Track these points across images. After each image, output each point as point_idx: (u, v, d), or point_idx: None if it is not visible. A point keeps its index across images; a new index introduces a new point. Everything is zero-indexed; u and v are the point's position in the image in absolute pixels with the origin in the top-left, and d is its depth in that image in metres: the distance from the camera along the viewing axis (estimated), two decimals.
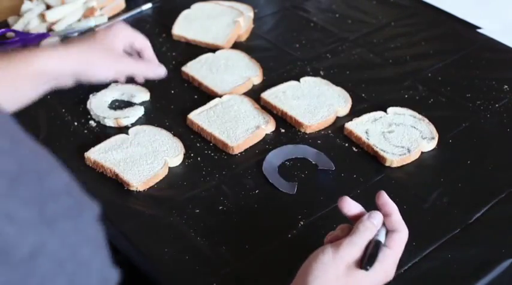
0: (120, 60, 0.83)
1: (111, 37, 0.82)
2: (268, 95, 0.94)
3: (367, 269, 0.57)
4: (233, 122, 0.89)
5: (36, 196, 0.34)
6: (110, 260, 0.39)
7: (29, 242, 0.33)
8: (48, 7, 1.16)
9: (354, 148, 0.86)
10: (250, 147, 0.86)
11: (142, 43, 0.87)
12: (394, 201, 0.77)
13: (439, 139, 0.85)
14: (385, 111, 0.90)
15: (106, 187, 0.82)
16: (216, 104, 0.92)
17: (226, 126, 0.88)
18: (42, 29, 1.11)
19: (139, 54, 0.88)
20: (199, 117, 0.90)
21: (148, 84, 0.99)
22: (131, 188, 0.80)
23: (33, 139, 0.38)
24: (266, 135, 0.88)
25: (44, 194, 0.35)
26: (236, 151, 0.85)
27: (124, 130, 0.89)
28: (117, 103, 0.96)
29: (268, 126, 0.88)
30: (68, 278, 0.35)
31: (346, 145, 0.86)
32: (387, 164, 0.82)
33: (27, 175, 0.34)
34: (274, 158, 0.84)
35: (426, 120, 0.88)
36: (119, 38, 0.83)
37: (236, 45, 1.07)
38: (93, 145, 0.85)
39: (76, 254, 0.36)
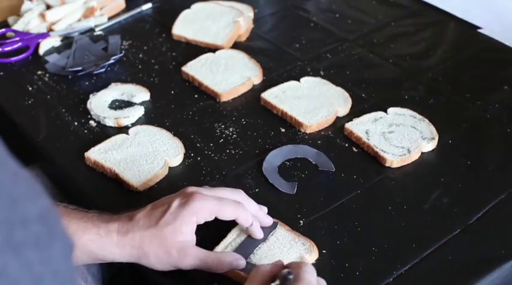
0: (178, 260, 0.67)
1: (178, 223, 0.66)
2: (268, 95, 0.94)
3: None
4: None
5: (5, 220, 0.33)
6: None
7: None
8: (48, 7, 1.16)
9: (354, 149, 0.86)
10: (250, 143, 0.86)
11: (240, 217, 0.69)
12: (394, 201, 0.77)
13: (439, 139, 0.85)
14: (385, 111, 0.90)
15: (106, 187, 0.82)
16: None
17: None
18: (42, 29, 1.11)
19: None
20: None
21: (148, 83, 0.99)
22: (131, 188, 0.80)
23: (18, 164, 0.36)
24: (266, 134, 0.88)
25: (14, 219, 0.34)
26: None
27: (124, 130, 0.89)
28: (117, 103, 0.96)
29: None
30: None
31: (346, 145, 0.86)
32: (387, 164, 0.82)
33: (0, 198, 0.33)
34: (274, 158, 0.84)
35: (426, 120, 0.88)
36: (187, 223, 0.66)
37: (236, 45, 1.07)
38: (93, 145, 0.85)
39: None
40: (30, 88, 0.99)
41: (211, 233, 0.71)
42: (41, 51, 1.07)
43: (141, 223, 0.66)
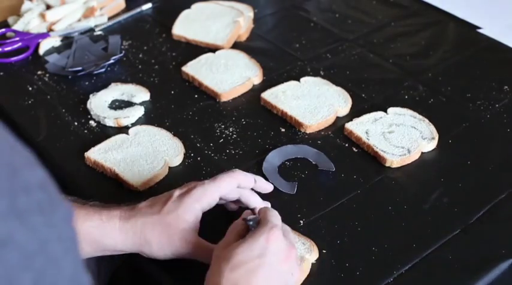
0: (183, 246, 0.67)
1: (181, 211, 0.66)
2: (268, 95, 0.94)
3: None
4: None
5: (7, 188, 0.34)
6: (83, 265, 0.39)
7: None
8: (48, 7, 1.16)
9: (354, 148, 0.86)
10: (250, 143, 0.86)
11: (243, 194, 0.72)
12: (394, 201, 0.77)
13: (439, 139, 0.85)
14: (385, 111, 0.90)
15: (106, 187, 0.82)
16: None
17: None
18: (42, 29, 1.11)
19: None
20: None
21: (148, 83, 0.99)
22: (131, 188, 0.80)
23: (13, 135, 0.38)
24: (266, 134, 0.88)
25: (16, 187, 0.34)
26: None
27: (124, 130, 0.89)
28: (117, 103, 0.96)
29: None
30: (35, 273, 0.34)
31: (346, 145, 0.86)
32: (387, 164, 0.82)
33: (1, 167, 0.34)
34: (274, 158, 0.84)
35: (426, 120, 0.88)
36: (190, 210, 0.67)
37: (236, 45, 1.07)
38: (93, 145, 0.85)
39: (46, 249, 0.35)
40: (30, 88, 0.99)
41: (211, 233, 0.71)
42: (41, 51, 1.07)
43: (144, 210, 0.67)
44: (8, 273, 0.33)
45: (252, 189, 0.74)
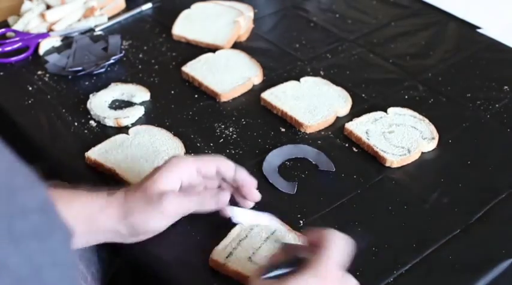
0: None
1: (156, 176, 0.68)
2: (268, 95, 0.94)
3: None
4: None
5: (3, 211, 0.33)
6: None
7: None
8: (48, 7, 1.16)
9: (354, 149, 0.86)
10: (250, 143, 0.86)
11: (225, 170, 0.71)
12: (394, 201, 0.77)
13: (439, 139, 0.85)
14: (385, 111, 0.90)
15: (106, 187, 0.81)
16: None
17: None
18: (42, 29, 1.11)
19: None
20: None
21: (148, 83, 0.99)
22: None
23: (14, 155, 0.37)
24: (266, 134, 0.88)
25: (13, 211, 0.34)
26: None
27: (124, 130, 0.89)
28: (117, 103, 0.96)
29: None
30: None
31: (346, 145, 0.86)
32: (387, 164, 0.82)
33: None
34: (274, 158, 0.84)
35: (426, 120, 0.88)
36: (165, 177, 0.68)
37: (236, 45, 1.07)
38: (93, 145, 0.85)
39: (40, 276, 0.35)
40: (30, 88, 0.99)
41: (211, 233, 0.71)
42: (41, 51, 1.07)
43: (129, 187, 0.71)
44: None
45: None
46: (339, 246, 0.58)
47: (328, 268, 0.56)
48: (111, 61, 1.02)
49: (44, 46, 1.07)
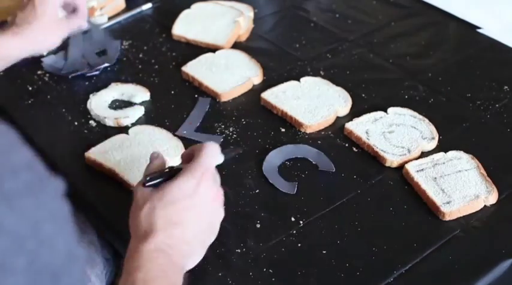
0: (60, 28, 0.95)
1: (41, 9, 0.91)
2: (268, 95, 0.94)
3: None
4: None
5: None
6: (76, 237, 0.39)
7: None
8: None
9: (354, 148, 0.86)
10: (250, 143, 0.86)
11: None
12: (394, 201, 0.77)
13: (439, 139, 0.85)
14: (386, 111, 0.90)
15: (106, 187, 0.82)
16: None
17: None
18: None
19: None
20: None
21: (148, 83, 0.99)
22: (131, 189, 0.80)
23: None
24: (266, 134, 0.88)
25: (2, 171, 0.34)
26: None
27: (124, 130, 0.89)
28: (117, 103, 0.96)
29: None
30: (29, 255, 0.34)
31: (346, 145, 0.86)
32: (387, 164, 0.82)
33: None
34: (274, 158, 0.84)
35: (426, 120, 0.88)
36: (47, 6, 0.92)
37: (236, 45, 1.07)
38: (93, 145, 0.85)
39: (38, 231, 0.35)
40: (30, 88, 0.99)
41: None
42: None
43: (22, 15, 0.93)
44: (2, 258, 0.33)
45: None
46: (208, 152, 0.66)
47: (198, 171, 0.64)
48: (106, 65, 1.02)
49: None
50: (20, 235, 0.34)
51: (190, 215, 0.63)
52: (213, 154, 0.67)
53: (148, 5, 1.19)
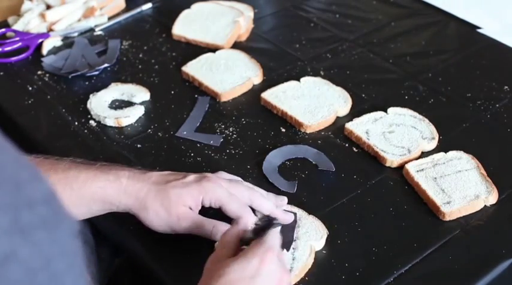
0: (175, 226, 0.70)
1: (185, 192, 0.68)
2: (268, 95, 0.94)
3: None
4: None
5: (11, 204, 0.33)
6: (85, 279, 0.39)
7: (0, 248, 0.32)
8: (48, 7, 1.16)
9: (354, 149, 0.86)
10: (250, 143, 0.86)
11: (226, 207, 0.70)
12: (394, 201, 0.77)
13: (439, 139, 0.85)
14: (386, 111, 0.90)
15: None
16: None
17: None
18: (42, 29, 1.11)
19: None
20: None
21: (148, 83, 0.99)
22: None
23: (16, 148, 0.37)
24: (266, 134, 0.88)
25: (20, 203, 0.34)
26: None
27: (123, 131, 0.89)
28: (117, 103, 0.96)
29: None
30: None
31: (346, 145, 0.86)
32: (387, 164, 0.82)
33: (4, 182, 0.34)
34: (274, 158, 0.84)
35: (426, 120, 0.88)
36: (193, 197, 0.69)
37: (236, 45, 1.07)
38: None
39: (49, 265, 0.35)
40: (30, 88, 0.99)
41: None
42: (44, 51, 1.06)
43: (154, 179, 0.70)
44: None
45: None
46: (273, 232, 0.62)
47: (260, 249, 0.59)
48: (105, 65, 1.02)
49: (47, 46, 1.07)
50: (32, 267, 0.34)
51: None
52: (274, 233, 0.62)
53: (148, 5, 1.19)
